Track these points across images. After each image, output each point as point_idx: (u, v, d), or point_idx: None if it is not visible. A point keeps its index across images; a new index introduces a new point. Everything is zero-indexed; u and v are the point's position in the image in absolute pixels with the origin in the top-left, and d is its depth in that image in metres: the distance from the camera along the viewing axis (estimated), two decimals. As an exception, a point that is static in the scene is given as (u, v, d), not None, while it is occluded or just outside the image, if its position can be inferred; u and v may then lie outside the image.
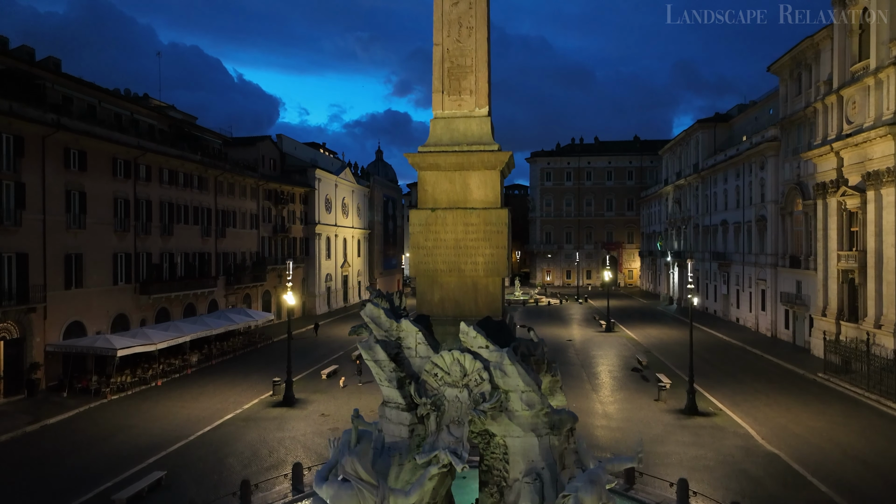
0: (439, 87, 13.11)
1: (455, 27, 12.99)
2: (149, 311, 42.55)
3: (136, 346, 34.24)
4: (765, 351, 46.55)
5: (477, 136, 12.99)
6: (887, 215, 36.04)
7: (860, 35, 40.18)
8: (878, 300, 36.87)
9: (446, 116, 13.08)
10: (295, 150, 76.89)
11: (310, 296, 71.76)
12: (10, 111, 30.62)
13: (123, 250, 40.05)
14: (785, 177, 51.62)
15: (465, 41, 12.97)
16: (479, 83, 13.04)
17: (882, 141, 36.05)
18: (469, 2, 12.95)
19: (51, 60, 43.65)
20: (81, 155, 36.24)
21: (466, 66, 12.99)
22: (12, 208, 31.29)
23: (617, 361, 43.10)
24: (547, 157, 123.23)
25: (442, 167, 12.79)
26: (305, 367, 40.55)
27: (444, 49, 13.05)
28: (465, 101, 13.04)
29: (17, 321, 31.56)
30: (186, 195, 47.46)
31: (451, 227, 12.67)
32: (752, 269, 58.26)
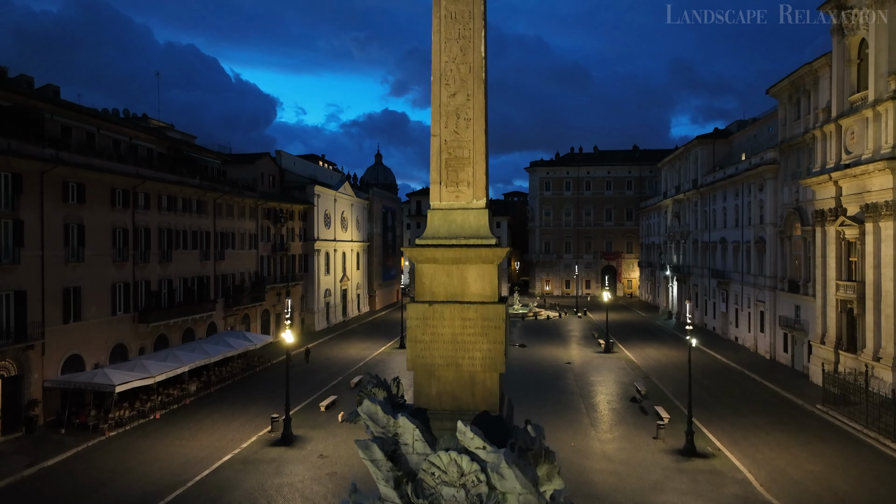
0: (437, 177, 13.11)
1: (453, 118, 12.99)
2: (147, 339, 42.54)
3: (135, 381, 34.18)
4: (764, 376, 46.56)
5: (475, 229, 12.99)
6: (886, 248, 36.07)
7: (858, 65, 40.27)
8: (876, 332, 36.89)
9: (443, 208, 13.08)
10: (294, 166, 76.93)
11: (308, 312, 71.76)
12: (8, 150, 30.60)
13: (122, 280, 40.03)
14: (784, 200, 51.64)
15: (463, 132, 12.97)
16: (477, 175, 13.04)
17: (880, 174, 36.09)
18: (467, 94, 12.94)
19: (49, 88, 43.78)
20: (80, 188, 36.23)
21: (464, 158, 12.99)
22: (10, 246, 31.26)
23: (615, 389, 43.09)
24: (546, 167, 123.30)
25: (439, 261, 12.79)
26: (304, 396, 40.50)
27: (441, 140, 13.05)
28: (463, 193, 13.03)
29: (14, 359, 31.53)
30: (185, 220, 47.43)
31: (449, 322, 12.66)
32: (751, 289, 58.28)
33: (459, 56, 12.98)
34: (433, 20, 13.11)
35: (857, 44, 40.07)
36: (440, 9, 13.05)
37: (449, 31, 13.00)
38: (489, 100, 13.47)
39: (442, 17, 13.05)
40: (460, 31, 12.95)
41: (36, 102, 36.27)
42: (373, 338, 67.06)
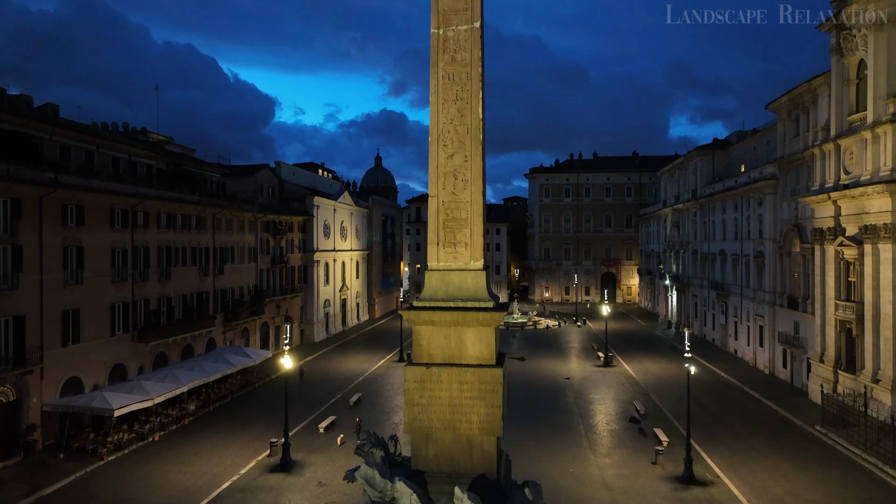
0: (434, 238, 13.13)
1: (451, 179, 13.01)
2: (147, 357, 42.52)
3: (133, 404, 34.16)
4: (763, 394, 46.56)
5: (472, 291, 13.00)
6: (885, 271, 36.08)
7: (857, 84, 40.28)
8: (875, 354, 36.89)
9: (441, 269, 13.10)
10: (293, 176, 76.91)
11: (308, 323, 71.74)
12: (7, 175, 30.59)
13: (121, 300, 40.02)
14: (783, 216, 51.64)
15: (461, 194, 12.99)
16: (475, 236, 13.06)
17: (879, 196, 36.10)
18: (465, 155, 12.95)
19: (49, 107, 43.78)
20: (79, 209, 36.22)
21: (462, 219, 13.00)
22: (9, 272, 31.25)
23: (614, 408, 43.09)
24: (546, 173, 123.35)
25: (437, 323, 12.81)
26: (302, 415, 40.46)
27: (439, 201, 13.06)
28: (461, 254, 13.05)
29: (13, 384, 31.50)
30: (184, 237, 47.42)
31: (447, 385, 12.68)
32: (750, 303, 58.29)
33: (457, 117, 12.99)
34: (431, 81, 13.12)
35: (855, 64, 40.10)
36: (438, 70, 13.07)
37: (447, 92, 13.01)
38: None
39: (440, 77, 13.06)
40: (458, 93, 12.97)
41: (36, 124, 36.22)
42: (372, 349, 67.04)
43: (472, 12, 12.90)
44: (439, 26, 12.99)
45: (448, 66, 12.98)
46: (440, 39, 12.98)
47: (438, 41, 12.99)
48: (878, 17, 36.33)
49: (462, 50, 12.87)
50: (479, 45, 12.89)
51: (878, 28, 36.49)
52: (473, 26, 12.88)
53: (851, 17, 39.16)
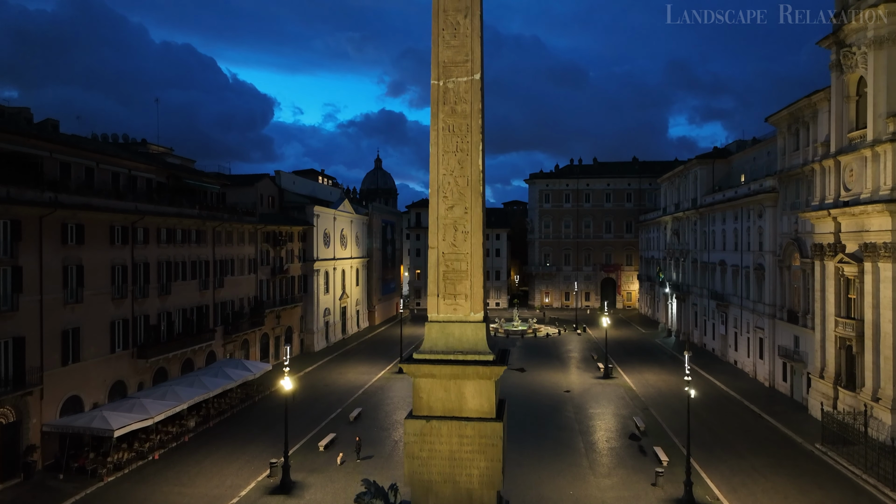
0: (434, 290, 13.13)
1: (451, 231, 13.01)
2: (146, 373, 42.53)
3: (133, 424, 34.14)
4: (763, 408, 46.56)
5: (472, 343, 13.00)
6: (885, 290, 36.07)
7: (857, 101, 40.28)
8: (875, 372, 36.89)
9: (441, 320, 13.10)
10: (293, 185, 76.95)
11: (308, 333, 71.75)
12: (7, 198, 30.58)
13: (121, 317, 40.02)
14: (783, 229, 51.64)
15: (461, 245, 12.99)
16: (475, 288, 13.06)
17: (879, 215, 36.10)
18: (465, 207, 12.96)
19: (48, 123, 43.89)
20: (79, 228, 36.23)
21: (462, 271, 13.01)
22: (9, 293, 31.26)
23: (614, 424, 43.07)
24: (546, 179, 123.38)
25: (437, 376, 12.82)
26: (302, 431, 40.43)
27: (439, 252, 13.07)
28: (461, 306, 13.06)
29: (13, 405, 31.51)
30: (184, 251, 47.43)
31: (447, 439, 12.68)
32: (750, 315, 58.29)
33: (457, 169, 13.00)
34: (431, 132, 13.12)
35: (855, 81, 40.10)
36: (438, 121, 13.07)
37: (447, 143, 13.02)
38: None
39: (440, 129, 13.07)
40: (458, 144, 12.97)
41: (36, 142, 36.20)
42: (372, 359, 67.03)
43: (472, 64, 12.90)
44: (439, 77, 13.00)
45: (448, 117, 12.99)
46: (440, 91, 12.99)
47: (438, 93, 12.99)
48: (877, 36, 36.34)
49: (462, 102, 12.88)
50: (479, 97, 12.89)
51: (878, 46, 36.50)
52: (473, 78, 12.88)
53: (851, 35, 39.21)
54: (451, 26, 12.88)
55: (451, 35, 12.90)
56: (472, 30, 12.88)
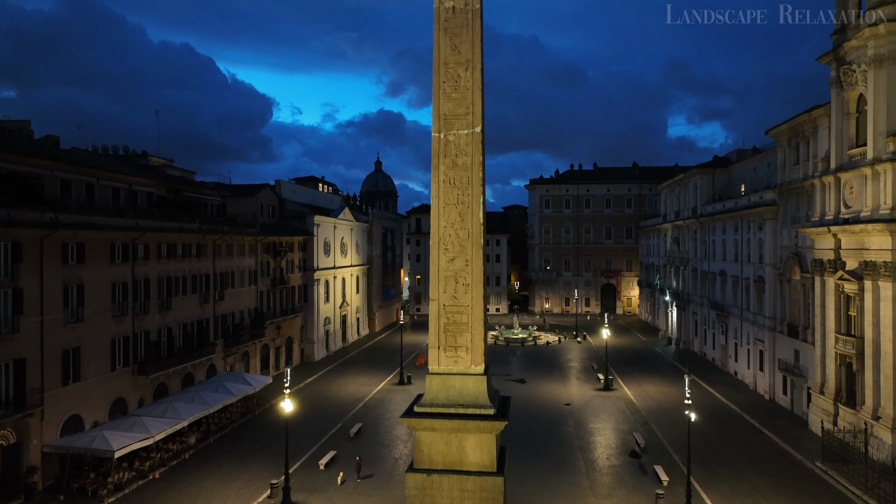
0: (435, 342, 13.15)
1: (451, 283, 13.04)
2: (147, 390, 42.55)
3: (133, 444, 34.15)
4: (763, 422, 46.56)
5: (473, 396, 13.02)
6: (885, 309, 36.08)
7: (857, 118, 40.31)
8: (875, 390, 36.90)
9: (442, 373, 13.12)
10: (293, 194, 76.96)
11: (308, 342, 71.76)
12: (8, 220, 30.59)
13: (121, 334, 40.03)
14: (783, 242, 51.65)
15: (462, 297, 13.02)
16: (476, 340, 13.08)
17: (879, 234, 36.11)
18: (466, 259, 12.99)
19: (49, 139, 43.86)
20: (79, 247, 36.24)
21: (463, 323, 13.03)
22: (10, 315, 31.26)
23: (615, 440, 43.07)
24: (546, 185, 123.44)
25: (438, 429, 12.84)
26: (302, 448, 40.45)
27: (440, 304, 13.10)
28: (462, 358, 13.08)
29: (14, 427, 31.51)
30: (185, 265, 47.45)
31: (447, 493, 12.69)
32: (750, 327, 58.30)
33: (458, 221, 13.02)
34: (432, 184, 13.15)
35: (855, 98, 40.13)
36: (439, 174, 13.10)
37: (448, 195, 13.04)
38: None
39: (441, 181, 13.09)
40: (459, 197, 13.00)
41: (36, 161, 36.20)
42: (372, 369, 67.04)
43: (472, 117, 12.92)
44: (440, 130, 13.02)
45: (449, 170, 13.01)
46: (441, 143, 13.01)
47: (439, 145, 13.01)
48: (877, 55, 36.37)
49: (463, 154, 12.90)
50: (479, 150, 12.91)
51: (878, 65, 36.52)
52: (474, 131, 12.90)
53: (851, 53, 39.24)
54: (451, 79, 12.91)
55: (451, 88, 12.92)
56: (473, 83, 12.90)
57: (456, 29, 12.87)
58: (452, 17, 12.92)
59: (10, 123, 46.28)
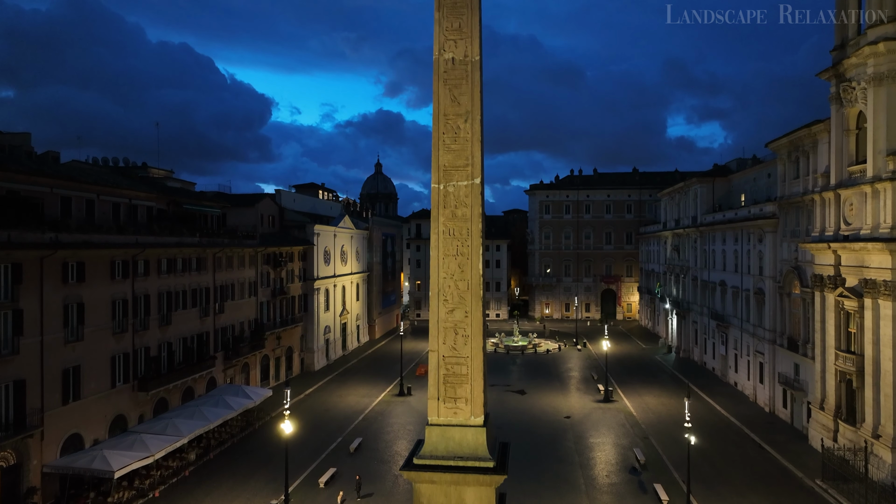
0: (434, 393, 13.17)
1: (451, 334, 13.05)
2: (147, 405, 42.56)
3: (134, 463, 34.16)
4: (763, 437, 46.55)
5: (472, 448, 13.02)
6: (885, 327, 36.07)
7: (857, 134, 40.29)
8: (875, 408, 36.88)
9: (441, 424, 13.14)
10: (294, 203, 77.02)
11: (308, 352, 71.78)
12: (8, 242, 30.61)
13: (121, 351, 40.05)
14: (783, 256, 51.65)
15: (462, 349, 13.03)
16: (475, 391, 13.09)
17: (879, 253, 36.10)
18: (465, 311, 13.00)
19: (49, 155, 43.95)
20: (80, 266, 36.26)
21: (462, 375, 13.04)
22: (10, 337, 31.28)
23: (615, 455, 43.08)
24: (546, 190, 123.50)
25: (437, 482, 12.85)
26: (303, 464, 40.47)
27: (439, 356, 13.11)
28: (461, 410, 13.09)
29: (14, 448, 31.53)
30: (185, 279, 47.47)
31: (447, 545, 12.72)
32: (750, 338, 58.31)
33: (458, 272, 13.03)
34: (431, 235, 13.16)
35: (855, 115, 40.12)
36: (438, 225, 13.10)
37: (447, 247, 13.05)
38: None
39: (440, 232, 13.09)
40: (458, 248, 13.00)
41: (36, 179, 36.22)
42: (372, 379, 67.04)
43: (472, 168, 12.94)
44: (440, 181, 13.04)
45: (449, 221, 13.02)
46: (440, 195, 13.02)
47: (439, 196, 13.02)
48: (877, 73, 36.37)
49: (463, 206, 12.91)
50: (479, 202, 12.93)
51: (877, 83, 36.51)
52: (474, 182, 12.92)
53: (851, 70, 39.24)
54: (451, 130, 12.92)
55: (451, 139, 12.93)
56: (473, 134, 12.91)
57: (455, 81, 12.88)
58: (452, 69, 12.93)
59: (9, 137, 46.23)
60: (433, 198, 12.98)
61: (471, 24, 12.79)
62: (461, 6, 12.78)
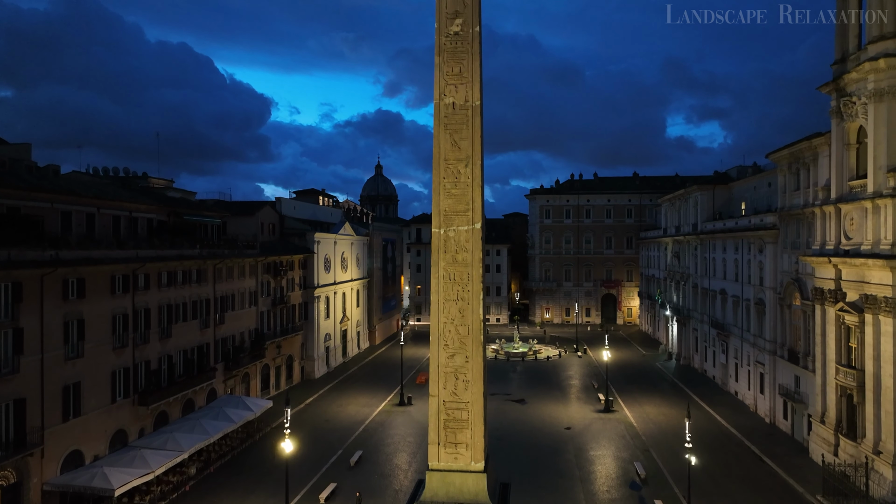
0: (435, 438, 13.16)
1: (451, 379, 13.04)
2: (148, 419, 42.53)
3: (134, 480, 34.13)
4: (764, 449, 46.53)
5: (473, 494, 13.01)
6: (885, 344, 36.04)
7: (858, 149, 40.27)
8: (876, 424, 36.84)
9: (442, 469, 13.13)
10: (294, 210, 76.98)
11: (308, 360, 71.76)
12: (8, 261, 30.57)
13: (122, 365, 40.03)
14: (783, 267, 51.62)
15: (462, 394, 13.02)
16: (476, 437, 13.08)
17: (880, 269, 36.06)
18: (466, 356, 12.98)
19: (50, 168, 43.90)
20: (80, 282, 36.23)
21: (463, 420, 13.03)
22: (10, 356, 31.25)
23: (615, 469, 43.05)
24: (546, 195, 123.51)
25: (438, 528, 12.85)
26: (303, 478, 40.43)
27: (440, 401, 13.10)
28: (462, 455, 13.08)
29: (14, 467, 31.50)
30: (185, 292, 47.45)
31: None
32: (750, 348, 58.28)
33: (458, 318, 13.01)
34: (432, 280, 13.15)
35: (855, 129, 40.09)
36: (439, 270, 13.09)
37: (448, 292, 13.04)
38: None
39: (441, 277, 13.09)
40: (459, 293, 12.99)
41: (37, 194, 36.20)
42: (373, 387, 67.01)
43: (472, 213, 12.92)
44: (440, 226, 13.02)
45: (449, 266, 13.01)
46: (441, 239, 13.01)
47: (439, 241, 13.01)
48: (878, 89, 36.35)
49: (463, 251, 12.90)
50: (479, 246, 12.92)
51: (878, 99, 36.49)
52: (474, 227, 12.90)
53: (852, 84, 39.23)
54: (452, 175, 12.91)
55: (451, 184, 12.93)
56: (473, 179, 12.90)
57: (456, 125, 12.86)
58: (452, 114, 12.91)
59: (9, 149, 46.21)
60: (433, 242, 12.97)
61: (471, 69, 12.77)
62: (462, 51, 12.76)
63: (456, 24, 12.67)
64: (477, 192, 12.97)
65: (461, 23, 12.70)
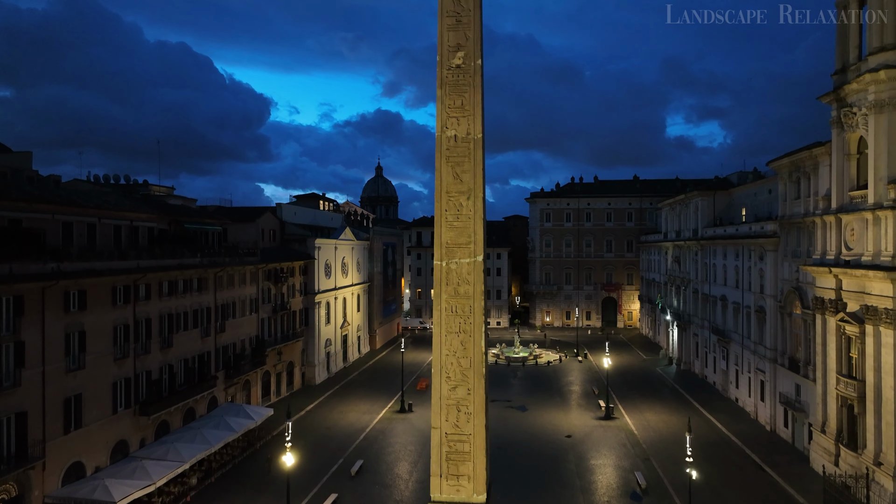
0: (437, 470, 13.19)
1: (454, 412, 13.07)
2: (149, 429, 42.56)
3: (135, 493, 34.16)
4: (765, 458, 46.55)
5: (475, 526, 13.05)
6: (886, 355, 36.05)
7: (858, 158, 40.30)
8: (877, 434, 36.85)
9: (444, 501, 13.17)
10: (294, 216, 77.07)
11: (309, 366, 71.81)
12: (10, 275, 30.61)
13: (123, 376, 40.05)
14: (784, 275, 51.64)
15: (464, 426, 13.05)
16: (478, 469, 13.10)
17: (881, 281, 36.08)
18: (468, 388, 13.01)
19: (51, 178, 43.98)
20: (81, 294, 36.27)
21: (465, 452, 13.06)
22: (11, 369, 31.28)
23: (616, 479, 43.06)
24: (546, 198, 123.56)
25: (440, 561, 12.88)
26: (304, 489, 40.46)
27: (441, 433, 13.13)
28: (464, 488, 13.10)
29: (16, 480, 31.53)
30: (186, 300, 47.48)
31: None
32: (751, 355, 58.29)
33: (460, 350, 13.04)
34: (434, 312, 13.17)
35: (856, 139, 40.12)
36: (441, 302, 13.12)
37: (450, 324, 13.07)
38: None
39: (442, 310, 13.12)
40: (461, 325, 13.02)
41: (38, 206, 36.23)
42: (373, 394, 67.03)
43: (474, 246, 12.96)
44: (442, 258, 13.05)
45: (451, 298, 13.04)
46: (443, 272, 13.04)
47: (441, 273, 13.04)
48: (878, 100, 36.36)
49: (465, 283, 12.93)
50: (481, 279, 12.95)
51: (878, 110, 36.51)
52: (476, 260, 12.93)
53: (852, 95, 39.25)
54: (454, 207, 12.94)
55: (453, 216, 12.95)
56: (476, 212, 12.93)
57: (458, 158, 12.90)
58: (454, 146, 12.94)
59: (10, 158, 46.26)
60: (435, 274, 13.00)
61: (473, 102, 12.81)
62: (464, 84, 12.79)
63: (458, 58, 12.71)
64: (479, 224, 12.99)
65: (463, 56, 12.73)
